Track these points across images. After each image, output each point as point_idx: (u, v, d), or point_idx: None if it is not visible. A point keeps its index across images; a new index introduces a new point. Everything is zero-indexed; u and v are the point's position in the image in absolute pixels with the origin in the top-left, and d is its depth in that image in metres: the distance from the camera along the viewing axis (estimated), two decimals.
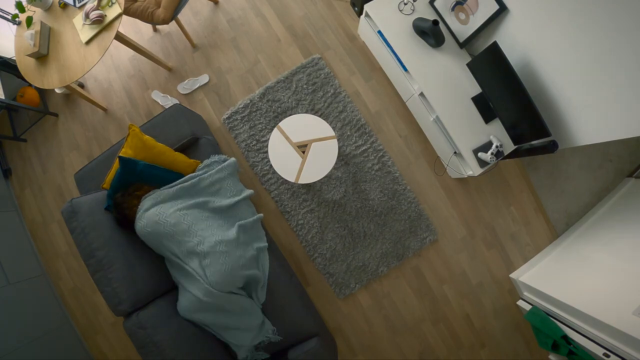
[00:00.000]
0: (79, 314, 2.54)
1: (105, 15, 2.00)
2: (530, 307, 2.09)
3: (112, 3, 2.01)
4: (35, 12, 2.22)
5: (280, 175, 1.99)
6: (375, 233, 2.32)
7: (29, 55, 2.11)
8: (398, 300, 2.32)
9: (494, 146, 1.88)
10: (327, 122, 1.98)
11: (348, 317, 2.33)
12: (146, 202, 1.68)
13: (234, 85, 2.54)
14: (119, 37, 2.11)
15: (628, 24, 1.25)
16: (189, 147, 2.05)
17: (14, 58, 2.31)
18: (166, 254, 1.69)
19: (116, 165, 1.80)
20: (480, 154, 1.93)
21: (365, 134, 2.38)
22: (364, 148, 2.37)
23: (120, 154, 1.77)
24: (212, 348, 1.78)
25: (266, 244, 1.92)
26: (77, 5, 2.11)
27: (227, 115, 2.47)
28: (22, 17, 2.19)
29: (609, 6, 1.29)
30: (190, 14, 2.67)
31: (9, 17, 2.32)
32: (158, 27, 2.69)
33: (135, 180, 1.76)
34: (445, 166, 2.21)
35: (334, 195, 2.33)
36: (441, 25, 1.94)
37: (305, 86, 2.43)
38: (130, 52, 2.64)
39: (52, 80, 2.10)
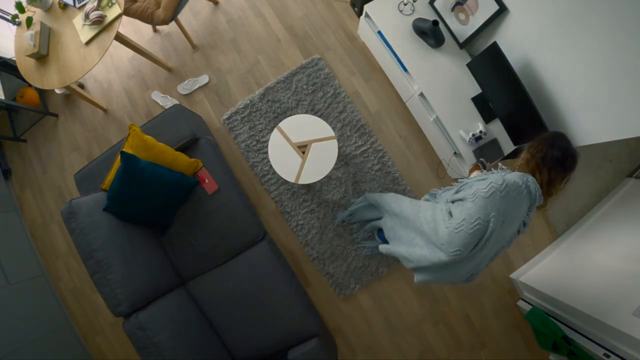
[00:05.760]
0: (79, 314, 2.54)
1: (105, 16, 2.00)
2: (530, 307, 2.08)
3: (112, 3, 2.01)
4: (35, 13, 2.21)
5: (280, 176, 1.99)
6: None
7: (29, 56, 2.11)
8: (398, 301, 2.31)
9: (477, 130, 1.91)
10: (327, 123, 1.98)
11: (348, 318, 2.33)
12: None
13: (234, 85, 2.54)
14: (119, 38, 2.11)
15: (628, 25, 1.25)
16: (188, 148, 2.04)
17: (14, 58, 2.30)
18: None
19: (116, 165, 1.80)
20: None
21: (365, 134, 2.38)
22: (364, 148, 2.37)
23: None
24: (211, 349, 1.79)
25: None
26: (77, 5, 2.10)
27: (227, 116, 2.47)
28: (22, 17, 2.19)
29: (609, 6, 1.29)
30: (190, 15, 2.67)
31: (9, 17, 2.31)
32: (158, 27, 2.69)
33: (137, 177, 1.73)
34: (446, 167, 2.20)
35: (334, 196, 2.33)
36: (441, 25, 1.94)
37: (305, 87, 2.43)
38: (130, 52, 2.64)
39: (52, 80, 2.10)
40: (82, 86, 2.71)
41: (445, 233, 1.21)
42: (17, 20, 2.21)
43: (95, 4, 2.02)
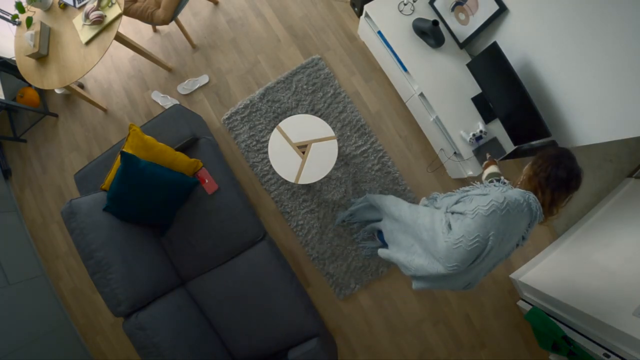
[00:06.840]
0: (79, 314, 2.53)
1: (105, 16, 2.00)
2: (530, 307, 2.08)
3: (112, 3, 2.01)
4: (35, 13, 2.21)
5: (280, 176, 1.99)
6: None
7: (29, 56, 2.11)
8: (398, 301, 2.31)
9: (478, 130, 1.90)
10: (327, 123, 1.98)
11: (348, 318, 2.33)
12: None
13: (234, 85, 2.54)
14: (119, 38, 2.10)
15: (630, 24, 1.25)
16: (188, 148, 2.04)
17: (14, 58, 2.30)
18: None
19: (116, 165, 1.80)
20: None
21: (365, 134, 2.38)
22: (364, 148, 2.37)
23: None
24: (211, 349, 1.79)
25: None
26: (77, 5, 2.10)
27: (227, 116, 2.47)
28: (22, 17, 2.18)
29: (611, 6, 1.29)
30: (190, 15, 2.67)
31: (9, 17, 2.31)
32: (158, 27, 2.69)
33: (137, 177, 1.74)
34: (446, 159, 2.19)
35: (333, 196, 2.33)
36: (441, 25, 1.94)
37: (305, 87, 2.43)
38: (130, 52, 2.64)
39: (52, 80, 2.10)
40: (82, 86, 2.71)
41: (444, 247, 1.21)
42: (17, 20, 2.21)
43: (95, 4, 2.02)
